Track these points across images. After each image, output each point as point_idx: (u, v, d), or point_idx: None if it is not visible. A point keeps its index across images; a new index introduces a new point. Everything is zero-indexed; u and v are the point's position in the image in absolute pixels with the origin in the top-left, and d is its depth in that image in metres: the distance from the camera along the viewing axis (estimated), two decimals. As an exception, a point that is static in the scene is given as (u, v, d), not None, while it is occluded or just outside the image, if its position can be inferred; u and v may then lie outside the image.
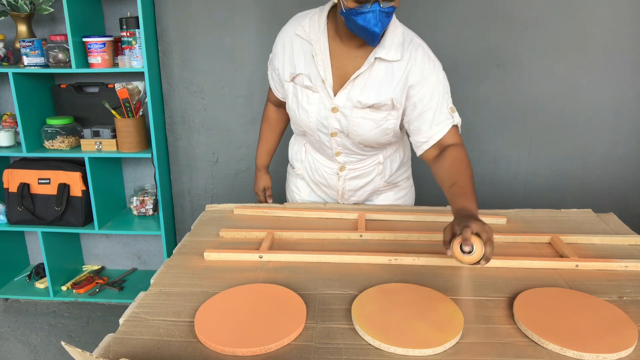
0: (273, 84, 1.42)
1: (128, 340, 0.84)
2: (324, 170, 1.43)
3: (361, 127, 1.26)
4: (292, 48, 1.27)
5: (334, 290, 1.00)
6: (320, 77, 1.23)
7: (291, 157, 1.54)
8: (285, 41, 1.28)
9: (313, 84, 1.25)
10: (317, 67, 1.23)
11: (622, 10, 2.03)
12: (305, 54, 1.25)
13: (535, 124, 2.21)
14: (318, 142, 1.36)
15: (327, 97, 1.25)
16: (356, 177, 1.42)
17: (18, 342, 2.21)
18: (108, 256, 2.68)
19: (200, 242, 1.23)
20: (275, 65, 1.34)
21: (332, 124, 1.28)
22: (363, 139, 1.29)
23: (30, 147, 2.24)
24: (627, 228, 1.31)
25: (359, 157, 1.38)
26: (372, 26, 1.10)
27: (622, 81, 2.13)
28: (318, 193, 1.52)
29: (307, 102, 1.27)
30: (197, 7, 2.18)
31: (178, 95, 2.31)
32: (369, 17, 1.09)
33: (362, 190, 1.45)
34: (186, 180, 2.45)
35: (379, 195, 1.50)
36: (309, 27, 1.24)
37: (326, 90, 1.24)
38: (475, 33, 2.10)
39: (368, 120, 1.25)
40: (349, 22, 1.13)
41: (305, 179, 1.52)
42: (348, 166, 1.40)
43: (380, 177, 1.43)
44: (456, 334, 0.84)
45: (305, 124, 1.31)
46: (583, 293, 0.98)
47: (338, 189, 1.45)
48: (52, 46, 2.11)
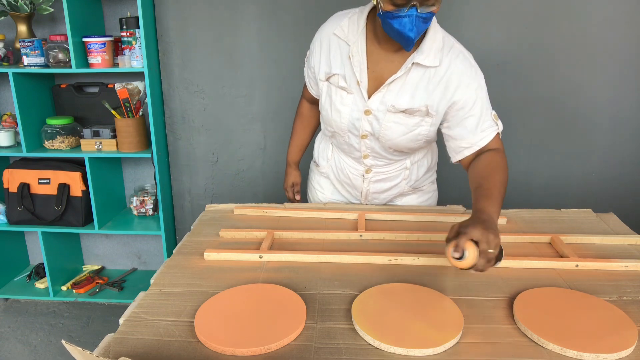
0: (308, 81, 1.40)
1: (128, 340, 0.84)
2: (349, 171, 1.43)
3: (392, 131, 1.24)
4: (329, 47, 1.26)
5: (334, 290, 1.00)
6: (355, 78, 1.22)
7: (317, 155, 1.54)
8: (323, 40, 1.27)
9: (348, 85, 1.24)
10: (353, 68, 1.21)
11: (622, 10, 2.03)
12: (342, 55, 1.24)
13: (535, 123, 2.21)
14: (347, 143, 1.35)
15: (360, 99, 1.24)
16: (381, 180, 1.41)
17: (18, 342, 2.21)
18: (108, 256, 2.68)
19: (200, 242, 1.23)
20: (311, 64, 1.33)
21: (363, 127, 1.27)
22: (393, 143, 1.27)
23: (30, 147, 2.24)
24: (627, 228, 1.31)
25: (387, 161, 1.37)
26: (408, 31, 1.08)
27: (622, 81, 2.13)
28: (342, 192, 1.51)
29: (340, 103, 1.26)
30: (197, 7, 2.18)
31: (178, 95, 2.31)
32: (405, 21, 1.07)
33: (386, 194, 1.45)
34: (186, 180, 2.45)
35: (403, 197, 1.49)
36: (347, 27, 1.23)
37: (360, 92, 1.23)
38: (475, 33, 2.10)
39: (400, 125, 1.24)
40: (385, 25, 1.11)
41: (330, 178, 1.51)
42: (374, 169, 1.39)
43: (405, 181, 1.43)
44: (456, 334, 0.84)
45: (336, 125, 1.30)
46: (583, 293, 0.98)
47: (362, 190, 1.44)
48: (52, 46, 2.11)
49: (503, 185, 1.12)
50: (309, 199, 1.63)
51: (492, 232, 0.93)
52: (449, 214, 1.37)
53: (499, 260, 0.96)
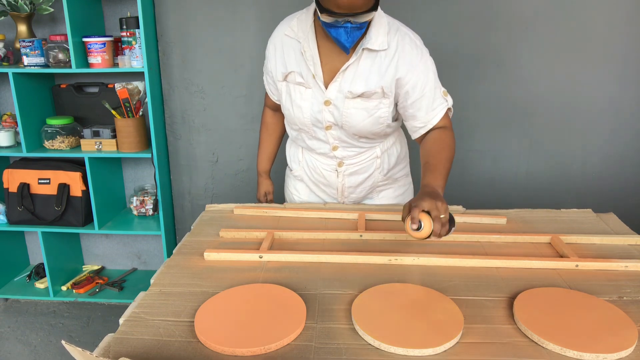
0: (268, 88, 1.44)
1: (128, 340, 0.84)
2: (322, 169, 1.44)
3: (354, 117, 1.28)
4: (282, 48, 1.31)
5: (334, 290, 1.00)
6: (310, 72, 1.27)
7: (289, 160, 1.56)
8: (276, 43, 1.32)
9: (305, 80, 1.28)
10: (307, 63, 1.26)
11: (622, 10, 2.03)
12: (296, 53, 1.29)
13: (535, 123, 2.21)
14: (315, 138, 1.38)
15: (319, 92, 1.28)
16: (355, 172, 1.43)
17: (18, 342, 2.21)
18: (108, 256, 2.68)
19: (200, 242, 1.23)
20: (268, 69, 1.37)
21: (325, 117, 1.30)
22: (357, 129, 1.31)
23: (30, 147, 2.24)
24: (627, 228, 1.31)
25: (357, 150, 1.39)
26: (344, 40, 1.15)
27: (622, 81, 2.13)
28: (318, 193, 1.53)
29: (300, 99, 1.30)
30: (197, 7, 2.18)
31: (178, 95, 2.31)
32: (341, 31, 1.14)
33: (361, 187, 1.46)
34: (186, 180, 2.45)
35: (379, 192, 1.51)
36: (297, 26, 1.29)
37: (317, 84, 1.27)
38: (474, 32, 2.10)
39: (360, 110, 1.28)
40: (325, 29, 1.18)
41: (304, 180, 1.52)
42: (346, 161, 1.41)
43: (378, 171, 1.45)
44: (456, 334, 0.84)
45: (300, 121, 1.33)
46: (583, 293, 0.98)
47: (338, 186, 1.46)
48: (52, 46, 2.11)
49: (449, 160, 1.22)
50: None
51: (439, 200, 1.03)
52: (449, 214, 1.37)
53: (453, 226, 1.06)
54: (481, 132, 2.24)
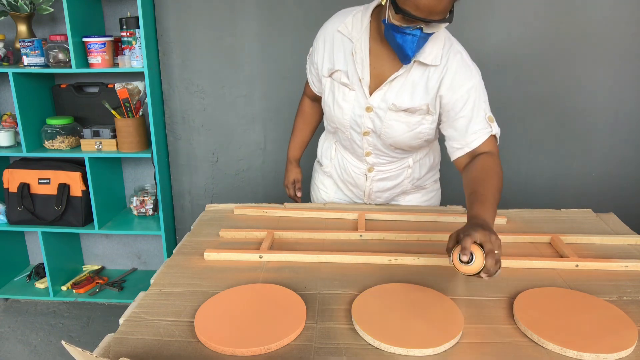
0: (311, 78, 1.41)
1: (128, 340, 0.84)
2: (352, 170, 1.43)
3: (394, 129, 1.25)
4: (332, 44, 1.27)
5: (334, 290, 1.00)
6: (357, 75, 1.23)
7: (320, 155, 1.54)
8: (327, 37, 1.28)
9: (350, 82, 1.25)
10: (356, 65, 1.22)
11: (622, 10, 2.03)
12: (345, 51, 1.25)
13: (535, 124, 2.21)
14: (349, 140, 1.35)
15: (362, 96, 1.25)
16: (384, 179, 1.41)
17: (18, 342, 2.21)
18: (108, 256, 2.68)
19: (200, 242, 1.23)
20: (314, 60, 1.33)
21: (365, 123, 1.27)
22: (395, 141, 1.28)
23: (30, 147, 2.24)
24: (627, 228, 1.31)
25: (389, 159, 1.37)
26: (407, 49, 1.10)
27: (622, 81, 2.13)
28: (345, 192, 1.52)
29: (342, 99, 1.27)
30: (197, 7, 2.18)
31: (178, 95, 2.31)
32: (408, 39, 1.08)
33: (389, 192, 1.45)
34: (186, 180, 2.45)
35: (406, 196, 1.49)
36: (351, 24, 1.23)
37: (362, 89, 1.24)
38: (474, 33, 2.10)
39: (401, 123, 1.24)
40: (387, 34, 1.12)
41: (333, 177, 1.51)
42: (377, 167, 1.39)
43: (408, 180, 1.43)
44: (456, 334, 0.84)
45: (339, 121, 1.31)
46: (583, 293, 0.98)
47: (365, 189, 1.44)
48: (52, 46, 2.11)
49: (497, 190, 1.11)
50: (313, 199, 1.63)
51: (493, 234, 0.92)
52: (449, 214, 1.37)
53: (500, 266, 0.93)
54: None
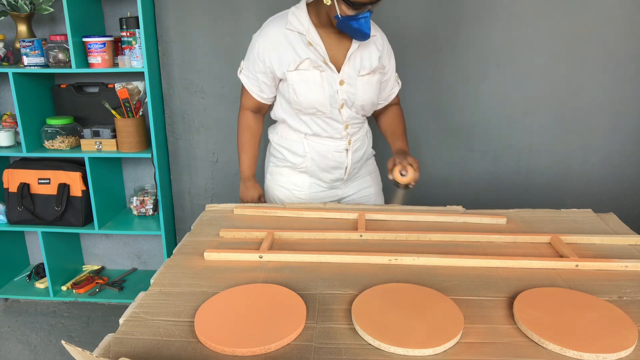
0: (257, 88, 1.52)
1: (128, 340, 0.84)
2: (334, 151, 1.55)
3: (365, 91, 1.48)
4: (287, 41, 1.42)
5: (334, 290, 1.00)
6: (320, 58, 1.42)
7: (287, 156, 1.59)
8: (276, 38, 1.43)
9: (319, 65, 1.42)
10: (318, 50, 1.41)
11: (622, 10, 2.03)
12: (302, 43, 1.42)
13: (535, 123, 2.21)
14: (329, 119, 1.49)
15: (331, 74, 1.44)
16: (358, 147, 1.59)
17: (18, 342, 2.21)
18: (108, 256, 2.68)
19: (200, 242, 1.23)
20: (263, 66, 1.46)
21: (340, 96, 1.46)
22: (365, 102, 1.50)
23: (30, 147, 2.24)
24: (627, 228, 1.31)
25: (358, 126, 1.58)
26: (365, 29, 1.34)
27: (622, 81, 2.13)
28: (324, 179, 1.60)
29: (316, 82, 1.43)
30: (197, 7, 2.18)
31: (178, 95, 2.31)
32: (362, 22, 1.33)
33: (360, 162, 1.64)
34: (186, 180, 2.45)
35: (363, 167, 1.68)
36: (296, 21, 1.42)
37: (330, 68, 1.43)
38: (474, 32, 2.10)
39: (370, 85, 1.48)
40: (342, 25, 1.34)
41: (310, 170, 1.58)
42: (353, 137, 1.56)
43: (368, 143, 1.66)
44: (456, 334, 0.84)
45: (319, 102, 1.45)
46: (583, 293, 0.98)
47: (347, 164, 1.58)
48: (52, 46, 2.11)
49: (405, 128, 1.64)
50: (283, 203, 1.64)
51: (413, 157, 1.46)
52: (449, 214, 1.37)
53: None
54: (481, 132, 2.24)
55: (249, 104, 1.56)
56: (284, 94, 1.50)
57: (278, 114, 1.56)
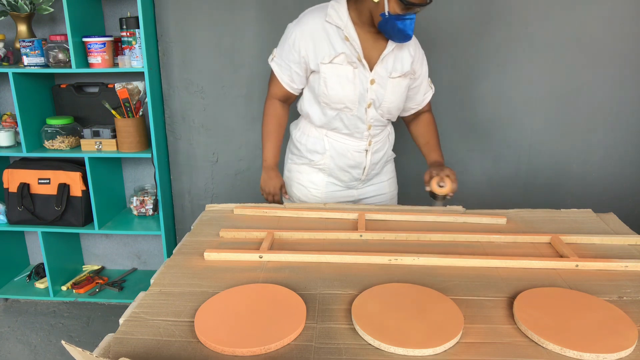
0: (288, 77, 1.50)
1: (128, 340, 0.84)
2: (353, 151, 1.55)
3: (394, 94, 1.48)
4: (326, 34, 1.42)
5: (334, 290, 1.00)
6: (357, 54, 1.42)
7: (306, 153, 1.59)
8: (314, 29, 1.42)
9: (353, 61, 1.42)
10: (354, 46, 1.41)
11: (622, 10, 2.03)
12: (340, 37, 1.42)
13: (535, 123, 2.21)
14: (354, 117, 1.49)
15: (364, 72, 1.44)
16: (378, 149, 1.59)
17: (18, 342, 2.21)
18: (108, 256, 2.68)
19: (200, 242, 1.23)
20: (298, 56, 1.45)
21: (369, 95, 1.46)
22: (392, 106, 1.50)
23: (30, 147, 2.24)
24: (627, 228, 1.31)
25: (381, 128, 1.57)
26: (409, 31, 1.35)
27: (622, 81, 2.13)
28: (341, 178, 1.60)
29: (350, 77, 1.43)
30: (197, 7, 2.18)
31: (178, 95, 2.31)
32: (407, 23, 1.33)
33: (379, 163, 1.63)
34: (186, 180, 2.45)
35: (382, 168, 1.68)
36: (335, 15, 1.41)
37: (363, 65, 1.43)
38: (474, 32, 2.10)
39: (400, 87, 1.49)
40: (386, 24, 1.34)
41: (327, 169, 1.58)
42: (374, 139, 1.56)
43: (389, 145, 1.65)
44: (456, 334, 0.84)
45: (348, 98, 1.45)
46: (583, 293, 0.98)
47: (366, 165, 1.58)
48: (52, 46, 2.11)
49: (438, 138, 1.64)
50: (300, 200, 1.65)
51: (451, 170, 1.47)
52: (449, 214, 1.37)
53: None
54: (482, 132, 2.24)
55: (277, 92, 1.55)
56: (313, 86, 1.49)
57: (303, 106, 1.55)
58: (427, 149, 1.59)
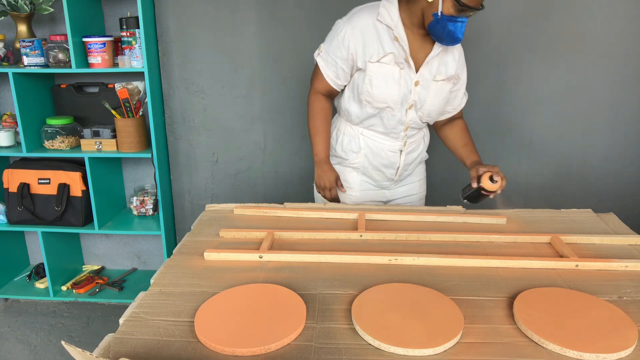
0: (333, 73, 1.50)
1: (128, 340, 0.84)
2: (388, 150, 1.56)
3: (436, 96, 1.48)
4: (376, 32, 1.42)
5: (334, 290, 1.00)
6: (403, 55, 1.42)
7: (341, 152, 1.60)
8: (365, 27, 1.42)
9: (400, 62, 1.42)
10: (402, 47, 1.41)
11: (622, 10, 2.03)
12: (389, 37, 1.42)
13: (535, 123, 2.21)
14: (393, 119, 1.49)
15: (410, 73, 1.44)
16: (412, 150, 1.60)
17: (18, 342, 2.21)
18: (108, 256, 2.68)
19: (200, 242, 1.23)
20: (346, 53, 1.44)
21: (412, 97, 1.46)
22: (432, 109, 1.50)
23: (30, 147, 2.24)
24: (627, 228, 1.31)
25: (416, 130, 1.58)
26: (459, 33, 1.34)
27: (621, 81, 2.13)
28: (374, 177, 1.61)
29: (396, 78, 1.43)
30: (197, 7, 2.18)
31: (178, 95, 2.31)
32: (458, 25, 1.33)
33: (413, 164, 1.64)
34: (186, 180, 2.45)
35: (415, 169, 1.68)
36: (386, 14, 1.41)
37: (409, 66, 1.43)
38: (474, 33, 2.10)
39: (442, 91, 1.48)
40: (437, 25, 1.33)
41: (362, 167, 1.59)
42: (409, 140, 1.57)
43: (423, 146, 1.66)
44: (456, 334, 0.84)
45: (391, 99, 1.45)
46: (583, 293, 0.98)
47: (399, 165, 1.58)
48: (52, 46, 2.11)
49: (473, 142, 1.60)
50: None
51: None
52: (449, 214, 1.37)
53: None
54: (482, 132, 2.23)
55: (320, 87, 1.54)
56: (357, 84, 1.48)
57: (342, 103, 1.55)
58: (465, 150, 1.55)
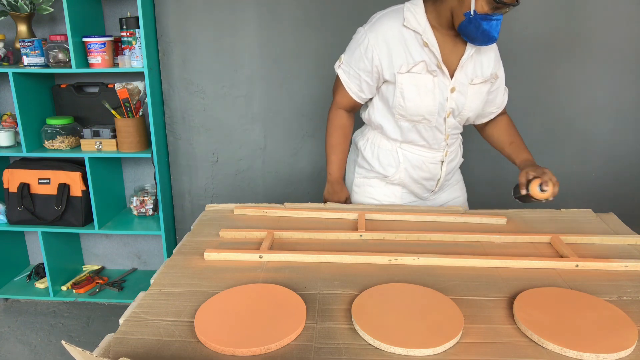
0: (357, 87, 1.39)
1: (128, 340, 0.84)
2: (429, 162, 1.46)
3: (474, 101, 1.38)
4: (403, 40, 1.30)
5: (334, 290, 1.00)
6: (435, 62, 1.31)
7: (379, 168, 1.49)
8: (390, 36, 1.30)
9: (433, 69, 1.32)
10: (433, 53, 1.30)
11: (622, 10, 2.03)
12: (418, 44, 1.30)
13: (535, 123, 2.21)
14: (430, 129, 1.39)
15: (445, 79, 1.33)
16: (452, 159, 1.51)
17: (18, 342, 2.21)
18: (108, 256, 2.68)
19: (200, 242, 1.23)
20: (370, 65, 1.33)
21: (449, 105, 1.36)
22: (472, 113, 1.41)
23: (30, 147, 2.24)
24: (627, 228, 1.31)
25: (456, 137, 1.50)
26: (494, 32, 1.24)
27: (622, 81, 2.13)
28: (415, 191, 1.51)
29: (430, 87, 1.32)
30: (197, 7, 2.18)
31: (178, 95, 2.31)
32: (494, 24, 1.23)
33: (451, 172, 1.55)
34: (186, 180, 2.45)
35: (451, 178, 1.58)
36: (412, 19, 1.30)
37: (443, 72, 1.32)
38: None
39: (480, 94, 1.38)
40: (469, 24, 1.23)
41: (403, 182, 1.48)
42: (450, 149, 1.47)
43: (460, 152, 1.57)
44: (456, 334, 0.84)
45: (427, 109, 1.34)
46: (583, 293, 0.98)
47: (441, 176, 1.48)
48: (52, 46, 2.11)
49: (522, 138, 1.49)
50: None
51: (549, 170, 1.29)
52: (449, 214, 1.37)
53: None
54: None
55: (343, 102, 1.43)
56: (387, 97, 1.37)
57: (374, 118, 1.43)
58: (513, 147, 1.44)
